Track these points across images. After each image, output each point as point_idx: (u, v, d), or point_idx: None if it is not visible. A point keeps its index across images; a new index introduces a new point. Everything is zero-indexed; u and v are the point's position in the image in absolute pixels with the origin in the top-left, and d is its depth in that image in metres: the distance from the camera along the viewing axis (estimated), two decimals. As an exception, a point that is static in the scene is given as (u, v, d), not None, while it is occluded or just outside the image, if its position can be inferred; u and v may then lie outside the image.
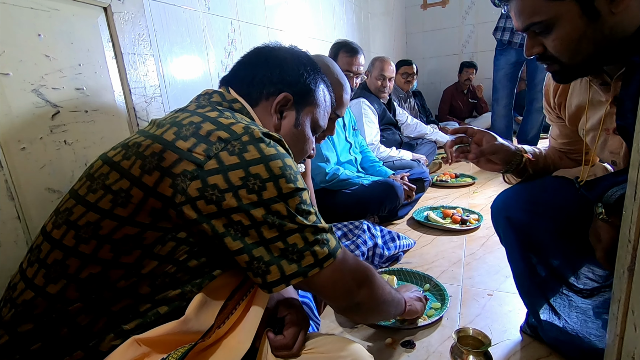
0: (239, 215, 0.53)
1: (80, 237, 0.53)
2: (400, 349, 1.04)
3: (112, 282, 0.52)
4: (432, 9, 4.71)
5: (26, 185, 0.79)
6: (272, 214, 0.54)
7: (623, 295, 0.56)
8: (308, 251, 0.56)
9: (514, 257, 0.98)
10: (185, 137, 0.54)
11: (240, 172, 0.52)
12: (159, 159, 0.53)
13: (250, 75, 0.71)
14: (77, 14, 0.87)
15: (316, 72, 0.77)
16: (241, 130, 0.55)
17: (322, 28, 2.48)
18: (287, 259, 0.55)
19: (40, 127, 0.81)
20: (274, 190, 0.54)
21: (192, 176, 0.52)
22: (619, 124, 0.71)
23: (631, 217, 0.53)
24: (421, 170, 2.26)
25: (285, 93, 0.71)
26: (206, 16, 1.44)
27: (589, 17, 0.66)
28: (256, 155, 0.54)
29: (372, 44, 3.51)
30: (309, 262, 0.56)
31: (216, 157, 0.52)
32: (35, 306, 0.52)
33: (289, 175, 0.56)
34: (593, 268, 0.89)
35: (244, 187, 0.52)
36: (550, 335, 0.96)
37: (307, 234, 0.57)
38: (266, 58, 0.73)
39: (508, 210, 0.96)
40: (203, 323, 0.55)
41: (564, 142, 1.01)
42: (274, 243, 0.54)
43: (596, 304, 0.89)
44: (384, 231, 1.58)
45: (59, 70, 0.84)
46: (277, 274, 0.55)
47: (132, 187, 0.53)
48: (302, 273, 0.56)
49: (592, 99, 0.82)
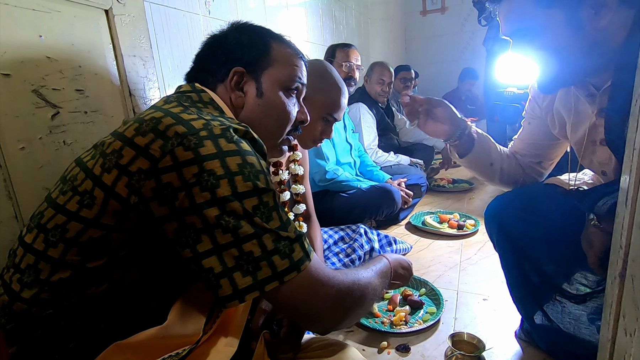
0: (191, 217, 0.48)
1: (48, 240, 0.51)
2: (395, 353, 1.04)
3: (83, 288, 0.51)
4: (431, 15, 4.74)
5: (24, 185, 0.79)
6: (226, 214, 0.48)
7: (614, 301, 0.57)
8: (265, 261, 0.50)
9: (507, 264, 0.99)
10: (144, 133, 0.51)
11: (194, 168, 0.48)
12: (117, 157, 0.51)
13: (202, 65, 0.70)
14: (78, 15, 0.88)
15: (260, 34, 0.72)
16: (200, 125, 0.52)
17: (322, 33, 2.50)
18: (242, 270, 0.49)
19: (39, 128, 0.81)
20: (228, 188, 0.49)
21: (146, 175, 0.49)
22: (608, 137, 0.72)
23: (623, 223, 0.54)
24: (419, 176, 2.27)
25: (236, 69, 0.67)
26: (207, 20, 1.45)
27: (573, 27, 0.67)
28: (212, 150, 0.49)
29: (371, 49, 3.53)
30: (265, 274, 0.49)
31: (171, 153, 0.49)
32: (13, 310, 0.51)
33: (247, 173, 0.50)
34: (586, 274, 0.90)
35: (197, 184, 0.48)
36: (545, 341, 0.97)
37: (265, 240, 0.50)
38: (209, 44, 0.72)
39: (501, 217, 0.97)
40: (187, 327, 0.53)
41: (532, 144, 1.01)
42: (228, 250, 0.48)
43: (590, 311, 0.90)
44: (381, 235, 1.58)
45: (60, 71, 0.84)
46: (229, 289, 0.48)
47: (94, 188, 0.51)
48: (258, 287, 0.49)
49: (578, 109, 0.84)
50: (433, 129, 0.97)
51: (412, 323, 1.15)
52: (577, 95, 0.82)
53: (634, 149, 0.51)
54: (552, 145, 0.99)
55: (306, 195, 1.22)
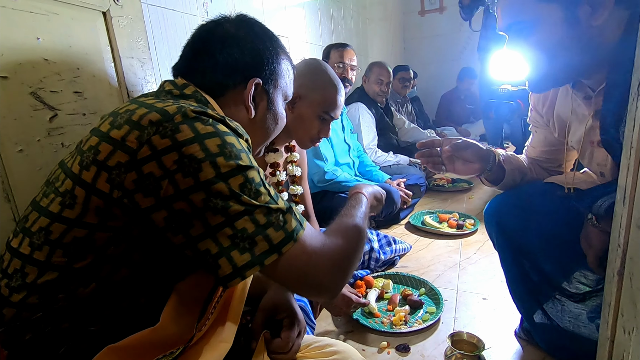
0: (179, 204, 0.48)
1: (34, 244, 0.51)
2: (395, 353, 1.04)
3: (72, 289, 0.50)
4: (429, 15, 4.74)
5: (23, 187, 0.79)
6: (213, 197, 0.48)
7: (613, 299, 0.57)
8: (260, 236, 0.50)
9: (506, 263, 0.99)
10: (119, 126, 0.51)
11: (174, 155, 0.48)
12: (94, 153, 0.50)
13: (211, 66, 0.64)
14: (76, 18, 0.88)
15: (272, 41, 0.70)
16: (174, 109, 0.51)
17: (321, 34, 2.50)
18: (238, 247, 0.49)
19: (37, 130, 0.81)
20: (210, 170, 0.48)
21: (126, 168, 0.48)
22: (603, 138, 0.73)
23: (621, 221, 0.54)
24: (418, 175, 2.27)
25: (255, 80, 0.65)
26: (204, 21, 1.45)
27: (569, 24, 0.68)
28: (189, 135, 0.49)
29: (370, 49, 3.53)
30: (262, 248, 0.50)
31: (148, 143, 0.48)
32: (3, 315, 0.51)
33: (228, 152, 0.50)
34: (585, 273, 0.90)
35: (179, 170, 0.48)
36: (545, 340, 0.97)
37: (257, 216, 0.50)
38: (222, 40, 0.65)
39: (500, 215, 0.97)
40: (181, 326, 0.53)
41: (545, 151, 1.01)
42: (221, 230, 0.48)
43: (589, 309, 0.90)
44: (380, 235, 1.58)
45: (58, 73, 0.84)
46: (229, 267, 0.48)
47: (74, 187, 0.50)
48: (258, 262, 0.49)
49: (576, 111, 0.84)
50: (464, 170, 0.93)
51: (411, 323, 1.15)
52: (575, 97, 0.82)
53: (631, 148, 0.51)
54: (563, 150, 0.99)
55: (305, 196, 1.22)
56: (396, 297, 1.26)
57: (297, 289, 0.58)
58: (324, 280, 0.55)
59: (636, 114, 0.50)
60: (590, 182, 0.85)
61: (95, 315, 0.52)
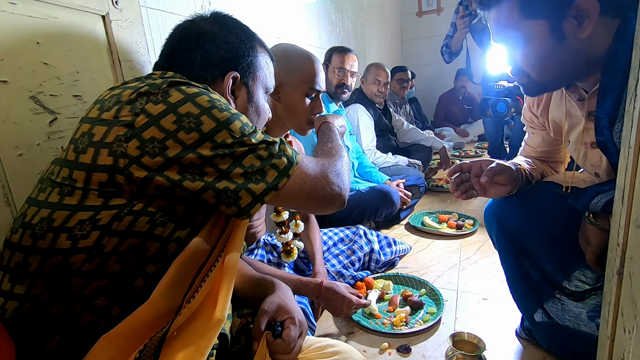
0: (188, 158, 0.52)
1: (36, 234, 0.51)
2: (396, 354, 1.04)
3: (77, 268, 0.51)
4: (427, 16, 4.76)
5: (23, 191, 0.79)
6: (219, 146, 0.53)
7: (613, 298, 0.57)
8: (268, 165, 0.57)
9: (506, 262, 0.99)
10: (108, 109, 0.54)
11: (171, 116, 0.52)
12: (89, 136, 0.52)
13: (188, 61, 0.67)
14: (75, 21, 0.88)
15: (247, 35, 0.73)
16: (160, 81, 0.55)
17: (319, 35, 2.51)
18: (252, 181, 0.55)
19: (37, 134, 0.81)
20: (211, 121, 0.53)
21: (126, 138, 0.51)
22: (598, 139, 0.73)
23: (619, 221, 0.55)
24: (417, 176, 2.27)
25: (232, 73, 0.68)
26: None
27: (557, 38, 0.69)
28: (180, 97, 0.53)
29: (368, 51, 3.54)
30: (273, 175, 0.57)
31: (143, 111, 0.52)
32: (5, 310, 0.51)
33: (219, 105, 0.55)
34: (585, 271, 0.90)
35: (180, 129, 0.52)
36: (545, 339, 0.97)
37: (260, 152, 0.57)
38: (197, 37, 0.68)
39: (500, 215, 0.97)
40: (173, 302, 0.53)
41: (544, 151, 1.02)
42: (233, 171, 0.54)
43: (589, 308, 0.90)
44: (380, 236, 1.58)
45: (57, 77, 0.84)
46: (249, 197, 0.55)
47: (72, 172, 0.52)
48: (273, 187, 0.57)
49: (570, 112, 0.85)
50: (495, 194, 0.92)
51: (412, 324, 1.15)
52: (569, 99, 0.83)
53: (629, 147, 0.51)
54: (561, 148, 1.00)
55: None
56: (397, 298, 1.27)
57: (311, 205, 0.65)
58: (327, 190, 0.64)
59: (634, 114, 0.50)
60: (589, 181, 0.85)
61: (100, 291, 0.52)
